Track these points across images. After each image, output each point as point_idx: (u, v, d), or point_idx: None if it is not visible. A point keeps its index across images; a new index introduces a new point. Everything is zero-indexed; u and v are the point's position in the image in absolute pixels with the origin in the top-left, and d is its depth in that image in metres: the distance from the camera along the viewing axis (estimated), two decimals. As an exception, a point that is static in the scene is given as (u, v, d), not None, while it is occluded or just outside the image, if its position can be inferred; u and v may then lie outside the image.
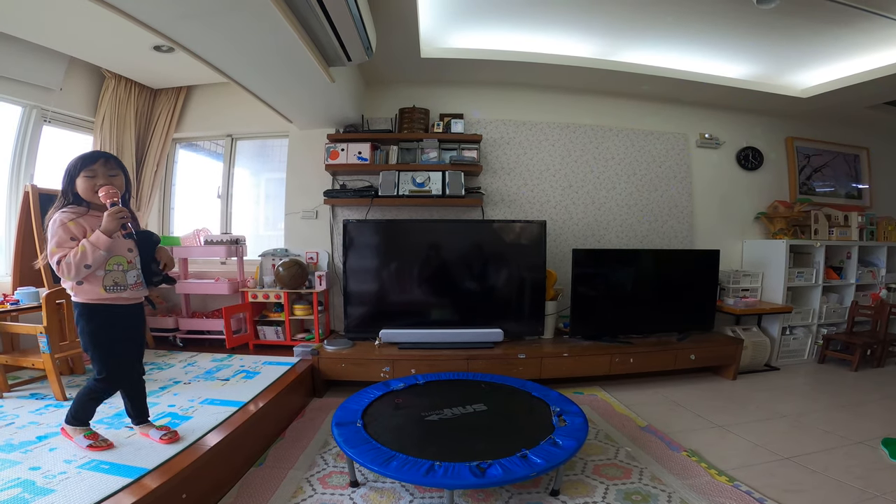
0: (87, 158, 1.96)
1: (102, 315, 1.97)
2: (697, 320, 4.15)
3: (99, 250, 1.85)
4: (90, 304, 1.95)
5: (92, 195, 1.94)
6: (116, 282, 1.98)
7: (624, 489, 2.24)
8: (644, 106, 4.67)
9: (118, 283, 1.98)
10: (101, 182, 1.93)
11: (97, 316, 1.97)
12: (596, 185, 4.60)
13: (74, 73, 3.95)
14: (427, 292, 3.97)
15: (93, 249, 1.84)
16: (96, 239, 1.85)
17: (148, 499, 1.67)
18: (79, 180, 1.93)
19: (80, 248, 1.83)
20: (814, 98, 4.38)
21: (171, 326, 4.11)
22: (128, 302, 2.04)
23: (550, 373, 3.62)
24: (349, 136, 4.14)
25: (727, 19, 3.31)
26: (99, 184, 1.92)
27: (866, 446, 2.73)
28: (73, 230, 1.88)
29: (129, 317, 2.07)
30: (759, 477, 2.37)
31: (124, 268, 2.01)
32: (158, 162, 4.44)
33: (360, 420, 2.43)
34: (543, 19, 3.43)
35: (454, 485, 1.91)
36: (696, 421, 3.14)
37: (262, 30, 2.34)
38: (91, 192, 1.93)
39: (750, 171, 4.94)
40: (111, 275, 1.97)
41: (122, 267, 2.00)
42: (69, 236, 1.87)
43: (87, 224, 1.91)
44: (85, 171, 1.93)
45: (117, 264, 1.99)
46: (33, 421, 2.35)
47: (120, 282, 1.99)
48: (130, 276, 2.03)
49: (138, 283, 2.06)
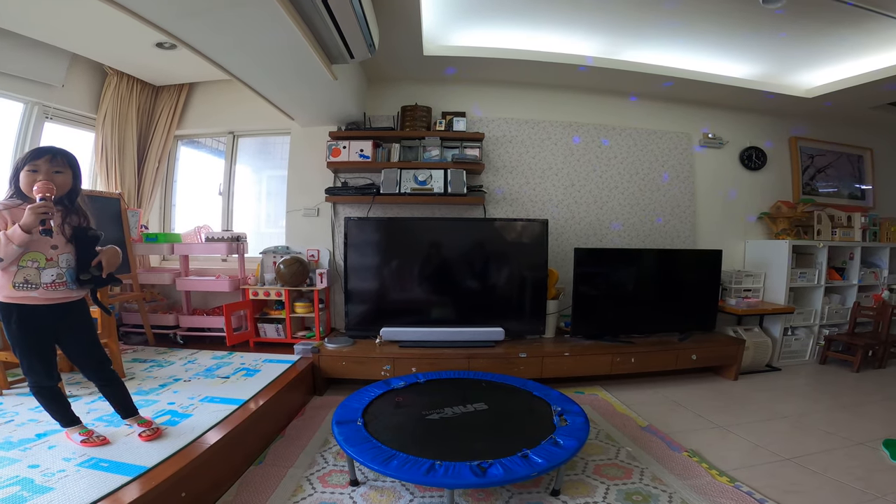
0: (33, 153, 1.91)
1: (17, 315, 1.89)
2: (699, 320, 4.14)
3: (12, 244, 1.77)
4: (4, 303, 1.88)
5: (30, 190, 1.86)
6: (27, 279, 1.87)
7: (625, 489, 2.23)
8: (647, 105, 4.66)
9: (29, 281, 1.87)
10: (41, 178, 1.86)
11: (13, 315, 1.89)
12: (598, 184, 4.59)
13: (76, 70, 3.95)
14: (428, 290, 3.97)
15: (6, 243, 1.76)
16: (11, 233, 1.77)
17: (147, 497, 1.66)
18: (22, 174, 1.87)
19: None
20: (818, 98, 4.36)
21: (171, 323, 4.11)
22: (41, 302, 1.91)
23: (551, 372, 3.61)
24: (351, 133, 4.13)
25: (732, 18, 3.30)
26: (39, 179, 1.85)
27: (867, 447, 2.72)
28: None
29: (49, 317, 1.95)
30: (759, 478, 2.36)
31: (40, 265, 1.89)
32: (160, 159, 4.45)
33: (361, 418, 2.42)
34: (546, 17, 3.42)
35: (455, 484, 1.90)
36: (697, 421, 3.14)
37: (265, 27, 2.33)
38: (29, 188, 1.86)
39: (753, 170, 4.92)
40: (23, 271, 1.87)
41: (38, 264, 1.89)
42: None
43: (10, 217, 1.83)
44: (28, 166, 1.87)
45: (32, 261, 1.88)
46: (33, 418, 2.34)
47: (31, 280, 1.88)
48: (47, 274, 1.90)
49: (58, 282, 1.93)
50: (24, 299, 1.88)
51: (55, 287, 1.93)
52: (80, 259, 2.01)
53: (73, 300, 2.04)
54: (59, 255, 1.94)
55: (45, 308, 1.93)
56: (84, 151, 4.25)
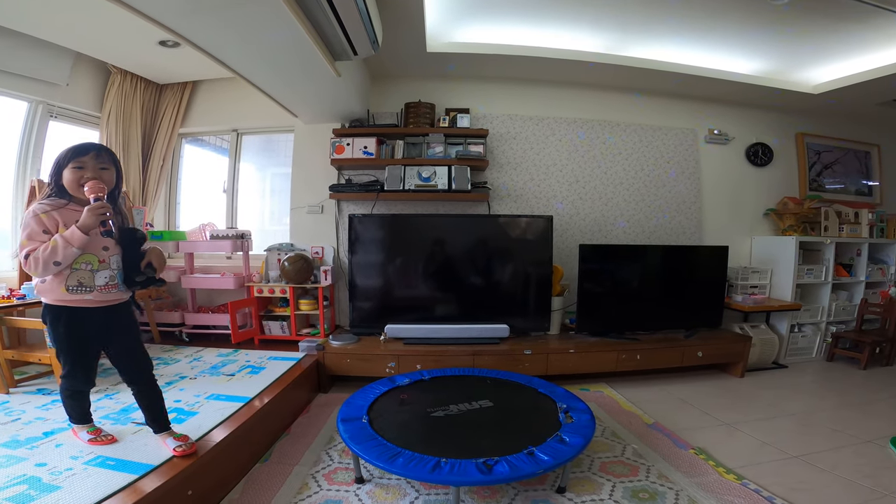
0: (78, 149, 1.83)
1: (68, 318, 1.85)
2: (705, 317, 4.13)
3: (71, 247, 1.71)
4: (53, 306, 1.84)
5: (77, 188, 1.80)
6: (81, 282, 1.82)
7: (631, 487, 2.22)
8: (652, 101, 4.63)
9: (83, 284, 1.82)
10: (88, 175, 1.80)
11: (62, 319, 1.84)
12: (603, 181, 4.56)
13: (80, 69, 3.95)
14: (433, 287, 3.96)
15: (65, 245, 1.70)
16: (70, 235, 1.71)
17: (153, 495, 1.67)
18: (66, 171, 1.80)
19: (52, 243, 1.69)
20: (825, 94, 4.32)
21: (177, 321, 4.12)
22: (95, 304, 1.87)
23: (556, 369, 3.60)
24: (355, 130, 4.12)
25: (738, 14, 3.27)
26: (86, 177, 1.80)
27: (875, 445, 2.70)
28: (46, 223, 1.75)
29: (100, 322, 1.91)
30: (767, 475, 2.35)
31: (93, 267, 1.84)
32: (164, 157, 4.45)
33: (366, 416, 2.42)
34: (551, 13, 3.40)
35: (461, 481, 1.90)
36: (704, 419, 3.12)
37: (269, 24, 2.32)
38: (76, 186, 1.80)
39: (759, 167, 4.89)
40: (76, 274, 1.81)
41: (92, 266, 1.84)
42: (41, 229, 1.74)
43: (60, 218, 1.77)
44: (73, 163, 1.80)
45: (86, 263, 1.82)
46: (40, 417, 2.36)
47: (86, 282, 1.83)
48: (100, 276, 1.86)
49: (111, 284, 1.89)
50: (77, 302, 1.83)
51: (108, 289, 1.89)
52: (126, 260, 1.96)
53: (123, 302, 1.99)
54: (110, 257, 1.90)
55: (97, 311, 1.89)
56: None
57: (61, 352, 1.90)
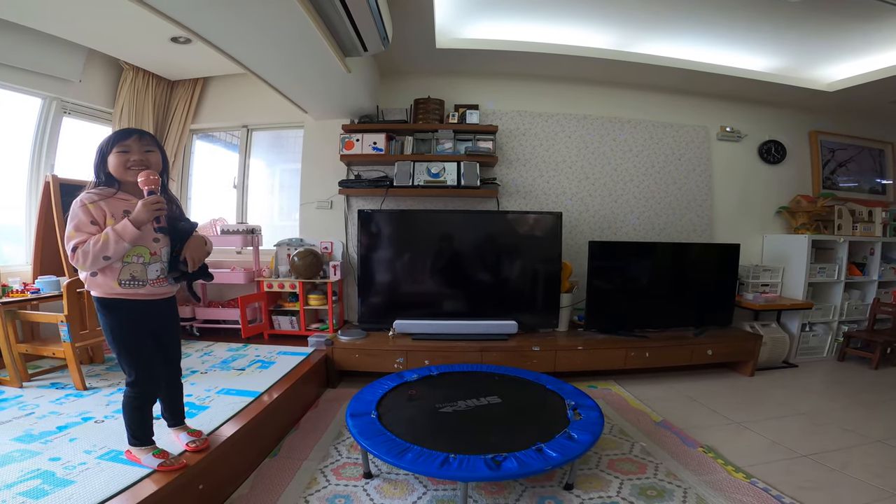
0: (120, 134, 1.79)
1: (121, 310, 1.78)
2: (715, 315, 4.10)
3: (123, 242, 1.67)
4: (105, 300, 1.77)
5: (124, 172, 1.76)
6: (134, 276, 1.77)
7: (639, 484, 2.22)
8: (663, 98, 4.60)
9: (136, 278, 1.77)
10: (134, 157, 1.77)
11: (115, 311, 1.78)
12: (613, 178, 4.54)
13: (93, 65, 3.99)
14: (441, 283, 3.97)
15: (116, 240, 1.65)
16: (122, 228, 1.66)
17: (166, 490, 1.69)
18: (111, 157, 1.75)
19: (103, 237, 1.65)
20: (840, 92, 4.27)
21: (187, 315, 4.15)
22: (148, 298, 1.83)
23: (565, 366, 3.60)
24: (364, 126, 4.13)
25: (751, 11, 3.24)
26: (133, 159, 1.76)
27: (885, 445, 2.69)
28: (94, 213, 1.70)
29: (153, 314, 1.87)
30: (776, 474, 2.34)
31: (146, 260, 1.79)
32: (176, 153, 4.48)
33: (375, 411, 2.43)
34: (560, 10, 3.37)
35: (469, 477, 1.90)
36: (713, 417, 3.11)
37: (280, 19, 2.33)
38: (123, 169, 1.76)
39: (772, 164, 4.84)
40: (129, 268, 1.76)
41: (143, 259, 1.78)
42: (89, 219, 1.69)
43: (108, 208, 1.73)
44: (118, 147, 1.76)
45: (137, 256, 1.77)
46: (53, 411, 2.38)
47: (138, 276, 1.77)
48: (152, 270, 1.81)
49: (161, 277, 1.85)
50: (130, 296, 1.78)
51: (160, 283, 1.85)
52: (172, 252, 1.88)
53: (172, 295, 1.98)
54: (161, 249, 1.85)
55: (149, 304, 1.84)
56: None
57: (121, 350, 1.81)
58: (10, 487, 1.65)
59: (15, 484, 1.67)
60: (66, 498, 1.59)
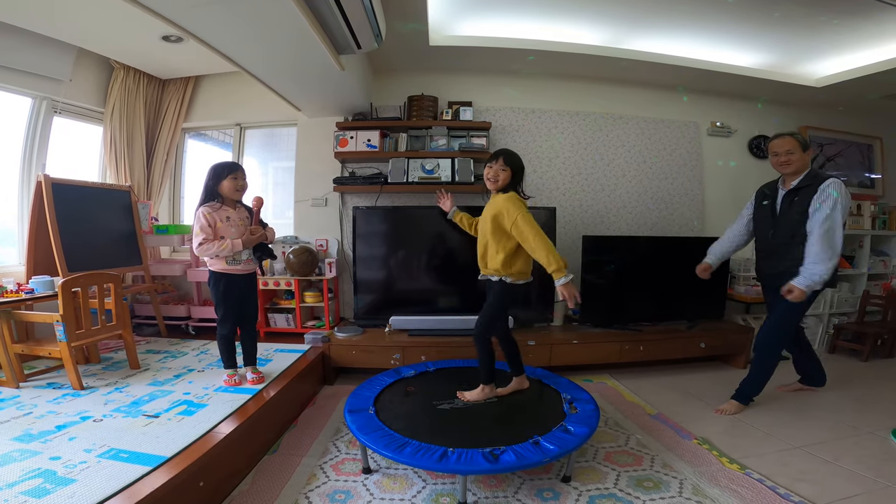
0: (232, 166, 2.71)
1: (225, 280, 2.70)
2: (707, 308, 4.14)
3: (234, 250, 2.64)
4: (217, 273, 2.70)
5: (233, 192, 2.68)
6: (235, 258, 2.70)
7: (636, 476, 2.25)
8: (655, 94, 4.63)
9: (236, 260, 2.71)
10: (241, 183, 2.71)
11: (222, 281, 2.70)
12: (605, 173, 4.57)
13: (83, 65, 3.96)
14: (437, 279, 3.99)
15: (231, 249, 2.62)
16: (235, 245, 2.63)
17: (167, 487, 1.69)
18: (226, 181, 2.65)
19: (224, 246, 2.61)
20: (828, 88, 4.32)
21: (183, 314, 4.14)
22: (240, 272, 2.74)
23: (560, 360, 3.63)
24: (358, 123, 4.13)
25: (740, 7, 3.27)
26: (240, 184, 2.70)
27: (876, 436, 2.72)
28: (208, 219, 2.62)
29: (241, 282, 2.77)
30: (770, 465, 2.38)
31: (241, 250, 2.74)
32: (168, 151, 4.46)
33: (373, 407, 2.46)
34: (552, 7, 3.39)
35: (468, 470, 1.93)
36: (707, 409, 3.14)
37: (273, 17, 2.32)
38: (233, 190, 2.67)
39: (762, 159, 4.87)
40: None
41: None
42: (207, 223, 2.61)
43: (217, 216, 2.65)
44: (231, 175, 2.66)
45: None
46: (52, 410, 2.37)
47: (237, 258, 2.71)
48: (244, 254, 2.74)
49: (248, 260, 2.78)
50: (231, 270, 2.71)
51: (248, 263, 2.78)
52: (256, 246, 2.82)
53: (253, 272, 2.87)
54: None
55: (241, 276, 2.76)
56: (93, 145, 4.28)
57: (219, 303, 2.73)
58: (12, 486, 1.64)
59: (16, 483, 1.67)
60: (67, 496, 1.59)
